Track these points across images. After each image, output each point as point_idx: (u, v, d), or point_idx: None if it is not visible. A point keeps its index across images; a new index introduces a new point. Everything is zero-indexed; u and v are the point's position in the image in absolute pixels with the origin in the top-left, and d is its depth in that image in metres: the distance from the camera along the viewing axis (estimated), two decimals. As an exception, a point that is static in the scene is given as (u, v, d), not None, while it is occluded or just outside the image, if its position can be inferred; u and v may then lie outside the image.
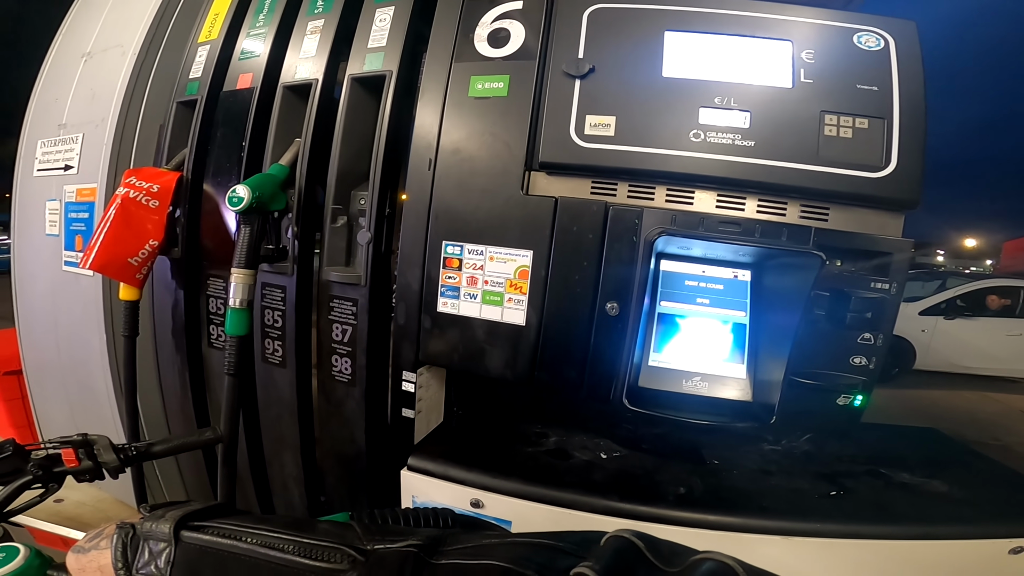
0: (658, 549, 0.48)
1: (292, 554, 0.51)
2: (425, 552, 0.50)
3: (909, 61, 1.16)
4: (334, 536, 0.53)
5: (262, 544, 0.52)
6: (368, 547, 0.51)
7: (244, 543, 0.53)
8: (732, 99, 1.17)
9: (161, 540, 0.54)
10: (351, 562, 0.50)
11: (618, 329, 1.19)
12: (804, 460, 1.38)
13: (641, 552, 0.47)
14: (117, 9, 2.09)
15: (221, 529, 0.55)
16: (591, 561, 0.44)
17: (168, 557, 0.53)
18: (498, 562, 0.47)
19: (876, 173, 1.13)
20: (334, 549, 0.51)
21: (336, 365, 1.47)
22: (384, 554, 0.50)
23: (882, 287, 1.17)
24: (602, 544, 0.49)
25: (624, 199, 1.22)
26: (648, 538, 0.49)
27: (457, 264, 1.28)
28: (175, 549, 0.53)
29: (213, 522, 0.56)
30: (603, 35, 1.24)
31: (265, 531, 0.54)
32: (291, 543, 0.52)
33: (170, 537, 0.54)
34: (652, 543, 0.49)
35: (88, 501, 2.19)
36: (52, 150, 2.05)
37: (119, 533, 0.56)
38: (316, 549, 0.51)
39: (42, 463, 0.84)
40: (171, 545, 0.53)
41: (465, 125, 1.29)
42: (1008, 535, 1.06)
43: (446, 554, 0.50)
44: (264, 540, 0.53)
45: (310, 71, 1.52)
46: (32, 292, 2.22)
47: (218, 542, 0.53)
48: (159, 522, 0.55)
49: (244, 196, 1.25)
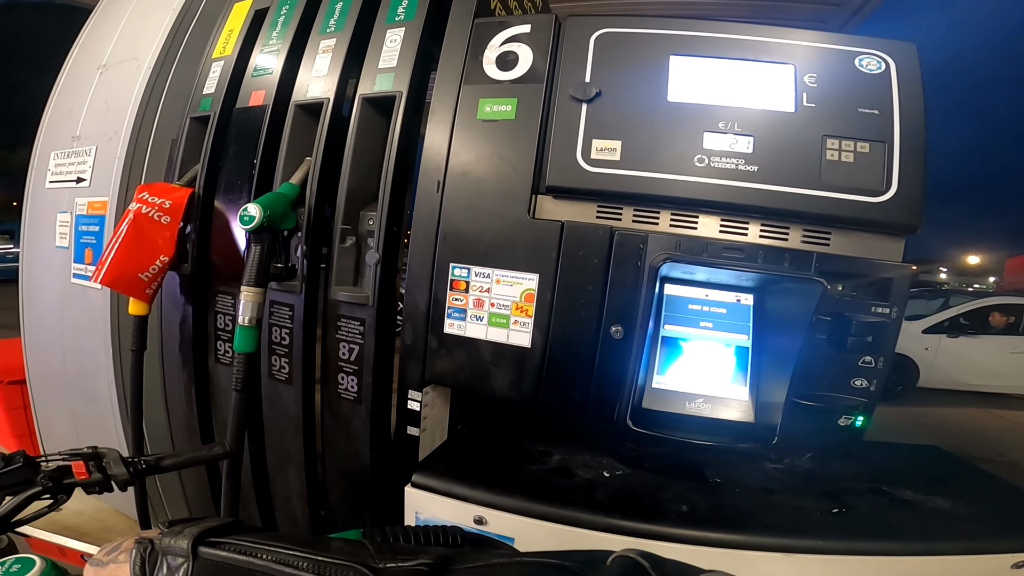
0: (663, 569, 0.49)
1: (306, 571, 0.52)
2: (436, 571, 0.52)
3: (909, 84, 1.17)
4: (347, 554, 0.54)
5: (277, 561, 0.53)
6: (380, 565, 0.52)
7: (259, 559, 0.54)
8: (736, 124, 1.19)
9: (179, 555, 0.55)
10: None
11: (622, 352, 1.20)
12: (806, 478, 1.38)
13: (647, 572, 0.48)
14: (134, 22, 2.12)
15: (237, 546, 0.56)
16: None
17: (186, 572, 0.54)
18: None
19: (877, 198, 1.14)
20: (347, 567, 0.52)
21: (343, 383, 1.48)
22: (396, 573, 0.52)
23: (883, 311, 1.18)
24: (608, 564, 0.50)
25: (629, 223, 1.23)
26: (653, 558, 0.50)
27: (464, 286, 1.29)
28: (193, 565, 0.55)
29: (230, 538, 0.57)
30: (610, 59, 1.26)
31: (280, 548, 0.55)
32: (305, 560, 0.53)
33: (188, 553, 0.55)
34: (657, 563, 0.49)
35: (87, 511, 2.18)
36: (65, 162, 2.08)
37: (138, 548, 0.57)
38: (329, 567, 0.52)
39: (52, 475, 0.85)
40: (189, 560, 0.55)
41: (474, 147, 1.31)
42: (1011, 550, 1.07)
43: (456, 573, 0.52)
44: (279, 557, 0.54)
45: (322, 90, 1.54)
46: (39, 303, 2.23)
47: (234, 558, 0.55)
48: (177, 538, 0.56)
49: (255, 215, 1.27)
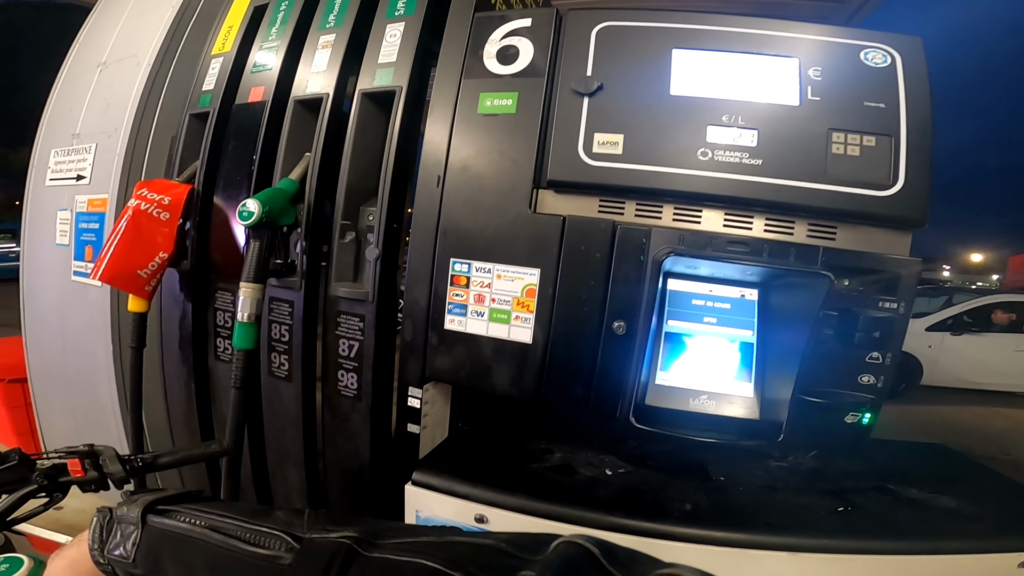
0: (615, 556, 0.48)
1: (237, 539, 0.54)
2: (360, 544, 0.51)
3: (916, 77, 1.16)
4: (281, 524, 0.55)
5: (211, 528, 0.55)
6: (305, 535, 0.53)
7: (198, 527, 0.56)
8: (740, 117, 1.17)
9: (131, 524, 0.58)
10: (287, 549, 0.52)
11: (625, 347, 1.19)
12: (811, 477, 1.37)
13: (596, 559, 0.47)
14: (133, 19, 2.12)
15: (183, 514, 0.58)
16: (536, 569, 0.44)
17: (135, 539, 0.57)
18: (431, 562, 0.47)
19: (884, 191, 1.12)
20: (275, 536, 0.53)
21: (342, 380, 1.47)
22: (319, 543, 0.52)
23: (890, 306, 1.16)
24: (552, 549, 0.48)
25: (632, 218, 1.22)
26: (605, 544, 0.49)
27: (465, 282, 1.28)
28: (141, 532, 0.57)
29: (179, 507, 0.60)
30: (611, 53, 1.25)
31: (218, 516, 0.57)
32: (239, 528, 0.55)
33: (138, 521, 0.57)
34: (609, 550, 0.48)
35: (88, 509, 2.13)
36: (65, 160, 2.07)
37: (98, 516, 0.60)
38: (259, 535, 0.54)
39: (48, 472, 0.85)
40: (138, 528, 0.57)
41: (474, 142, 1.30)
42: (1017, 549, 1.05)
43: (381, 547, 0.51)
44: (215, 524, 0.56)
45: (321, 85, 1.53)
46: (40, 301, 2.23)
47: (177, 526, 0.57)
48: (131, 506, 0.59)
49: (254, 210, 1.26)
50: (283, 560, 0.51)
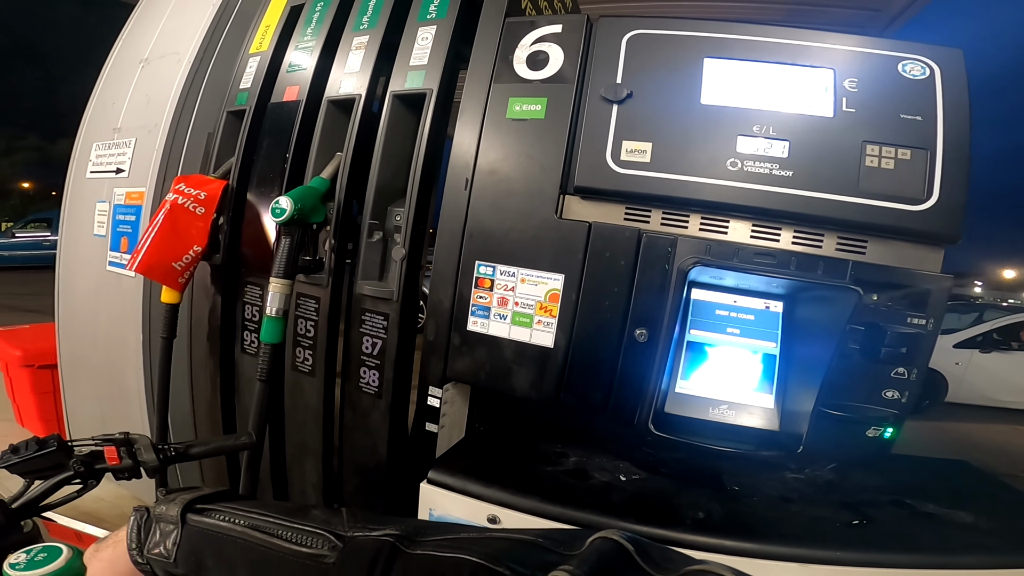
0: (648, 554, 0.47)
1: (279, 538, 0.54)
2: (401, 542, 0.51)
3: (955, 90, 1.13)
4: (321, 522, 0.55)
5: (253, 527, 0.56)
6: (348, 534, 0.54)
7: (239, 526, 0.56)
8: (771, 128, 1.16)
9: (170, 523, 0.58)
10: (331, 547, 0.52)
11: (646, 355, 1.19)
12: (827, 489, 1.34)
13: (630, 555, 0.47)
14: (175, 17, 2.18)
15: (222, 512, 0.58)
16: (573, 564, 0.44)
17: (175, 539, 0.57)
18: (472, 557, 0.47)
19: (917, 206, 1.10)
20: (317, 535, 0.54)
21: (364, 377, 1.49)
22: (362, 541, 0.52)
23: (919, 322, 1.14)
24: (588, 545, 0.48)
25: (658, 226, 1.22)
26: (639, 541, 0.48)
27: (489, 284, 1.29)
28: (181, 531, 0.57)
29: (217, 506, 0.60)
30: (642, 61, 1.24)
31: (259, 515, 0.57)
32: (281, 527, 0.55)
33: (177, 520, 0.58)
34: (642, 547, 0.48)
35: (106, 497, 2.21)
36: (105, 153, 2.15)
37: (135, 515, 0.60)
38: (301, 534, 0.54)
39: (85, 459, 0.86)
40: (178, 527, 0.57)
41: (502, 146, 1.31)
42: None
43: (422, 544, 0.51)
44: (256, 523, 0.56)
45: (354, 86, 1.56)
46: (75, 290, 2.30)
47: (218, 525, 0.57)
48: (170, 505, 0.59)
49: (287, 207, 1.29)
50: (327, 559, 0.51)
